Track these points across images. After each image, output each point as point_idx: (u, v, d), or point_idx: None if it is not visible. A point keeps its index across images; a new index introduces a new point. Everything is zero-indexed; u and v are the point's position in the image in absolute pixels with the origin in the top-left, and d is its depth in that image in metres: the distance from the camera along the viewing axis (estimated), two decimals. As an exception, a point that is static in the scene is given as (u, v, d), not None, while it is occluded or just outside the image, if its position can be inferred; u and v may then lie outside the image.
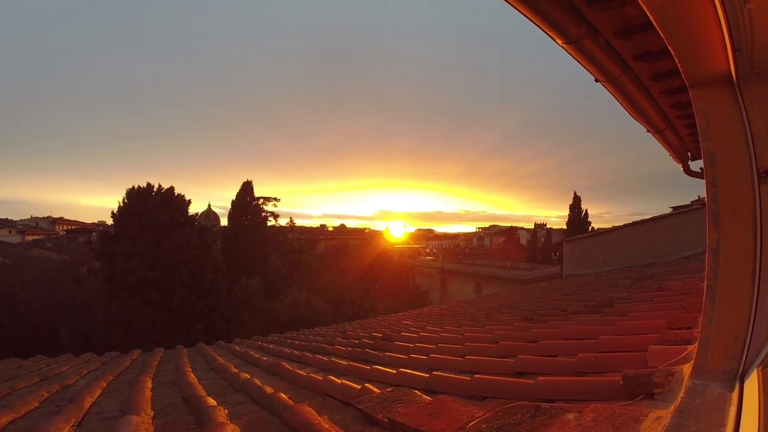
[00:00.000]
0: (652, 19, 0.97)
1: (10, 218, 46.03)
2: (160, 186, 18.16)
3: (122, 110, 79.66)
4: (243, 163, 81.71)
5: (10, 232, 40.44)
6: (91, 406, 2.33)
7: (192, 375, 3.26)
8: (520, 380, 1.75)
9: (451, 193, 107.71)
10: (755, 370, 1.07)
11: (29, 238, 39.19)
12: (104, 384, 3.00)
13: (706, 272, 1.21)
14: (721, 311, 1.17)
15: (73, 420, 1.90)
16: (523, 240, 48.78)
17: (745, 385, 1.06)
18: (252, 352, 4.43)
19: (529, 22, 1.59)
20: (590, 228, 31.63)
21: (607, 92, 2.28)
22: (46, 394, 2.63)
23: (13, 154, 69.25)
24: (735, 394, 1.04)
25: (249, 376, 2.75)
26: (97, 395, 2.61)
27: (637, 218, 8.51)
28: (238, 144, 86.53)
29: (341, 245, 30.71)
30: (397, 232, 48.50)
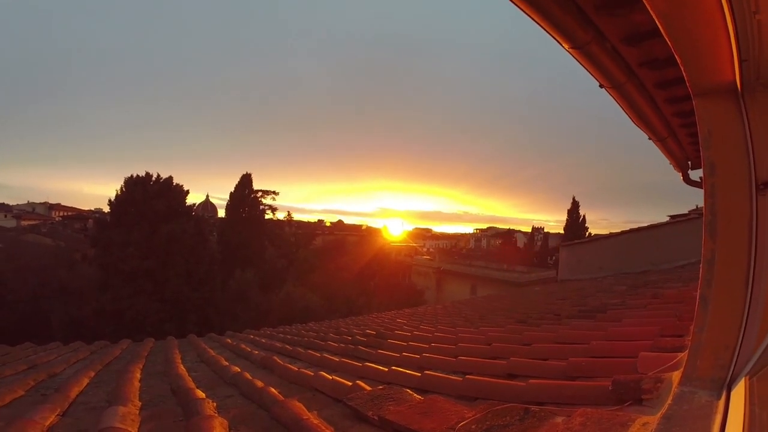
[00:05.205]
0: (659, 26, 0.96)
1: (6, 203, 45.69)
2: (158, 175, 18.11)
3: (127, 99, 78.99)
4: (245, 155, 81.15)
5: (5, 216, 40.16)
6: (77, 395, 2.31)
7: (182, 366, 3.25)
8: (512, 382, 1.76)
9: (451, 194, 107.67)
10: (743, 379, 1.08)
11: (25, 223, 38.90)
12: (92, 373, 2.98)
13: (699, 281, 1.21)
14: (713, 321, 1.17)
15: (59, 409, 1.88)
16: (520, 243, 48.83)
17: (732, 393, 1.06)
18: (243, 346, 4.42)
19: (538, 26, 1.58)
20: (587, 233, 31.71)
21: (610, 99, 2.28)
22: (32, 383, 2.61)
23: (16, 140, 68.79)
24: (722, 403, 1.05)
25: (239, 370, 2.74)
26: (84, 385, 2.59)
27: (634, 226, 8.56)
28: (241, 135, 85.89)
29: (338, 241, 30.65)
30: (395, 230, 48.44)
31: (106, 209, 18.76)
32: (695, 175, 4.09)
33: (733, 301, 1.15)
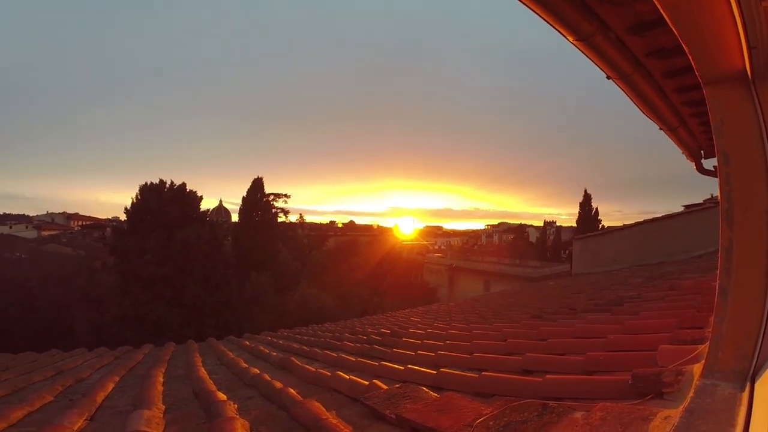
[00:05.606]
0: (665, 16, 0.95)
1: (26, 214, 47.12)
2: (172, 182, 18.41)
3: (139, 107, 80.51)
4: (256, 159, 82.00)
5: (27, 227, 41.28)
6: (103, 400, 2.38)
7: (203, 369, 3.32)
8: (528, 378, 1.75)
9: (461, 190, 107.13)
10: (767, 370, 1.06)
11: (45, 233, 39.88)
12: (117, 378, 3.06)
13: (718, 271, 1.19)
14: (734, 311, 1.15)
15: (87, 414, 1.95)
16: (532, 238, 48.25)
17: (756, 385, 1.05)
18: (262, 348, 4.49)
19: (541, 19, 1.58)
20: (600, 226, 31.19)
21: (620, 90, 2.25)
22: (60, 388, 2.70)
23: (34, 152, 70.95)
24: (745, 395, 1.03)
25: (259, 371, 2.79)
26: (109, 389, 2.67)
27: (648, 217, 8.40)
28: (252, 140, 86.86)
29: (350, 242, 30.80)
30: (406, 229, 48.50)
31: (123, 217, 19.15)
32: (708, 164, 4.00)
33: (753, 289, 1.13)
